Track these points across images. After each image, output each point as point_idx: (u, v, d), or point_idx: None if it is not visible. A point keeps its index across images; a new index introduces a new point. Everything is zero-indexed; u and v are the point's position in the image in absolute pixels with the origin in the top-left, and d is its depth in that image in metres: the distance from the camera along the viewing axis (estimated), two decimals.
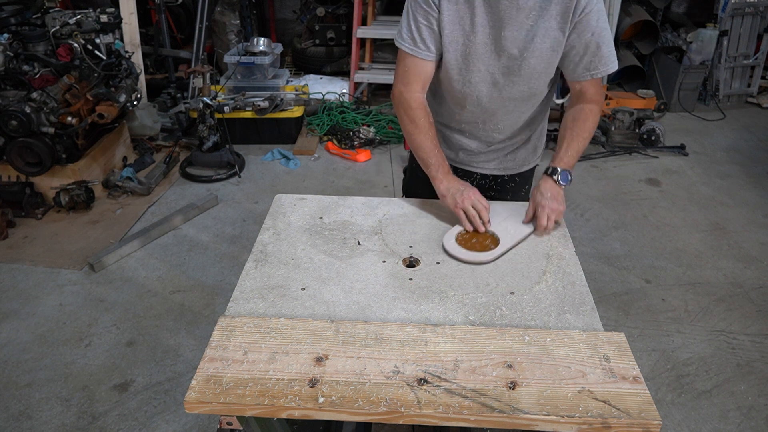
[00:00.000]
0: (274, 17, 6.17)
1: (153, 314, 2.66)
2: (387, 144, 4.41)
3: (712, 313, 2.71)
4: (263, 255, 1.44)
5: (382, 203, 1.67)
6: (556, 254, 1.45)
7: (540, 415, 1.00)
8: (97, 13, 3.49)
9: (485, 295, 1.30)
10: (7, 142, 3.23)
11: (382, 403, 1.01)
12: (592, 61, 1.49)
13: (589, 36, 1.45)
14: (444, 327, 1.18)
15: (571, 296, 1.30)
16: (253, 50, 4.56)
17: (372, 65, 5.08)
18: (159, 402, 2.22)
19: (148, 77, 4.67)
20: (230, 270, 2.97)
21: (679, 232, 3.36)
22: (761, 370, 2.39)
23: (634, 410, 1.01)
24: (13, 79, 3.23)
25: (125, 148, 3.99)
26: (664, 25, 5.57)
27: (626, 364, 1.10)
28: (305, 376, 1.07)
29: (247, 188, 3.79)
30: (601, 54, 1.48)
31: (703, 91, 5.27)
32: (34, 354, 2.43)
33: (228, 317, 1.22)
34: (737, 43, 5.16)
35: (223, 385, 1.05)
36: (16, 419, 2.13)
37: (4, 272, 2.94)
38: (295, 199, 1.70)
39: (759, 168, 4.15)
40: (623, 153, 4.32)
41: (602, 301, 2.78)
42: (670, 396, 2.27)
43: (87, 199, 3.42)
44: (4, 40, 3.17)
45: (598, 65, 1.50)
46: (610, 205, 3.62)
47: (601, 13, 1.45)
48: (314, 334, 1.16)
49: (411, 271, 1.39)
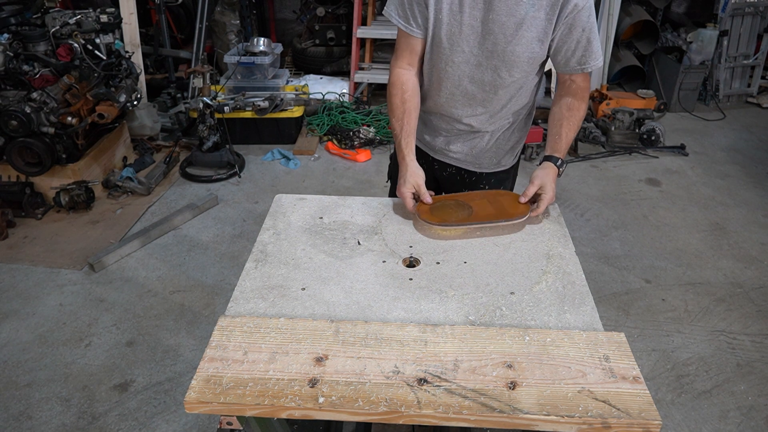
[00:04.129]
0: (274, 17, 6.17)
1: (153, 314, 2.66)
2: (387, 144, 4.41)
3: (712, 313, 2.71)
4: (263, 255, 1.44)
5: (382, 203, 1.67)
6: (556, 254, 1.45)
7: (540, 415, 1.00)
8: (97, 13, 3.49)
9: (485, 295, 1.30)
10: (7, 142, 3.23)
11: (382, 403, 1.01)
12: (583, 55, 1.52)
13: (580, 32, 1.48)
14: (444, 327, 1.18)
15: (571, 296, 1.30)
16: (253, 50, 4.56)
17: (372, 65, 5.07)
18: (159, 402, 2.22)
19: (148, 77, 4.67)
20: (230, 270, 2.97)
21: (679, 232, 3.36)
22: (761, 370, 2.39)
23: (634, 410, 1.01)
24: (13, 79, 3.23)
25: (125, 148, 3.99)
26: (664, 25, 5.57)
27: (626, 364, 1.10)
28: (305, 376, 1.07)
29: (247, 188, 3.79)
30: (591, 49, 1.52)
31: (703, 91, 5.28)
32: (34, 354, 2.43)
33: (228, 317, 1.22)
34: (737, 43, 5.16)
35: (223, 385, 1.05)
36: (16, 419, 2.13)
37: (4, 272, 2.93)
38: (295, 199, 1.70)
39: (759, 168, 4.15)
40: (623, 153, 4.32)
41: (602, 301, 2.78)
42: (670, 396, 2.27)
43: (87, 199, 3.42)
44: (4, 40, 3.17)
45: (588, 60, 1.53)
46: (610, 205, 3.62)
47: (591, 9, 1.48)
48: (314, 334, 1.16)
49: (411, 271, 1.39)
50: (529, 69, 1.57)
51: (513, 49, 1.50)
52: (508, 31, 1.48)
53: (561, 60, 1.55)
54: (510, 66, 1.55)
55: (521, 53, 1.51)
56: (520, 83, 1.62)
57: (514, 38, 1.49)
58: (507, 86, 1.61)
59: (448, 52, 1.57)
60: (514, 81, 1.59)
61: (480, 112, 1.68)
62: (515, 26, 1.48)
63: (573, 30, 1.48)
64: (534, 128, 4.14)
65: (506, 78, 1.58)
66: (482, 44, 1.53)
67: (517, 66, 1.55)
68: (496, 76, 1.58)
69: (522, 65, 1.55)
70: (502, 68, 1.55)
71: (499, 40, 1.50)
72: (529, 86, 1.66)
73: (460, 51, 1.56)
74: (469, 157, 1.82)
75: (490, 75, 1.58)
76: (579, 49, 1.51)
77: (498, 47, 1.51)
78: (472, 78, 1.61)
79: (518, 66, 1.55)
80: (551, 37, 1.50)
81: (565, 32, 1.49)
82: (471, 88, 1.63)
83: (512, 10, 1.46)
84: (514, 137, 1.80)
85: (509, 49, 1.51)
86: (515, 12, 1.46)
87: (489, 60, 1.55)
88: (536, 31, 1.48)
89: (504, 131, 1.77)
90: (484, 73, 1.58)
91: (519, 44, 1.50)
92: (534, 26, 1.48)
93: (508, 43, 1.50)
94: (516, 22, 1.47)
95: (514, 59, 1.53)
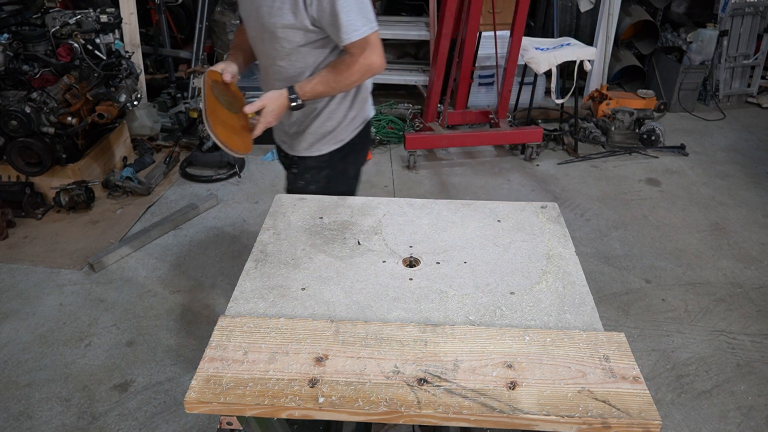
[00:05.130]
0: None
1: (153, 314, 2.66)
2: (387, 144, 4.41)
3: (712, 313, 2.71)
4: (263, 255, 1.44)
5: (382, 203, 1.67)
6: (556, 254, 1.45)
7: (540, 415, 1.00)
8: (97, 13, 3.49)
9: (485, 295, 1.30)
10: (7, 142, 3.23)
11: (382, 403, 1.01)
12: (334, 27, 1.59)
13: (327, 4, 1.55)
14: (444, 327, 1.18)
15: (571, 296, 1.30)
16: None
17: None
18: (159, 402, 2.22)
19: (148, 77, 4.67)
20: (230, 270, 2.97)
21: (679, 232, 3.36)
22: (761, 370, 2.39)
23: (634, 410, 1.01)
24: (13, 79, 3.23)
25: (125, 148, 3.99)
26: (664, 25, 5.57)
27: (626, 364, 1.10)
28: (305, 376, 1.07)
29: (247, 188, 3.79)
30: (339, 22, 1.56)
31: (703, 91, 5.27)
32: (34, 354, 2.43)
33: (228, 317, 1.22)
34: (737, 43, 5.16)
35: (223, 385, 1.05)
36: (16, 419, 2.13)
37: (4, 272, 2.94)
38: (295, 199, 1.70)
39: (759, 168, 4.15)
40: (623, 153, 4.32)
41: (602, 301, 2.78)
42: (670, 396, 2.27)
43: (87, 199, 3.42)
44: (4, 40, 3.17)
45: (341, 32, 1.58)
46: (610, 205, 3.62)
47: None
48: (314, 334, 1.16)
49: (411, 271, 1.39)
50: (294, 39, 1.65)
51: (272, 20, 1.61)
52: (267, 3, 1.60)
53: (329, 32, 1.63)
54: (274, 37, 1.65)
55: (277, 23, 1.61)
56: (295, 56, 1.69)
57: (272, 9, 1.60)
58: (283, 57, 1.70)
59: (247, 28, 1.76)
60: (288, 53, 1.68)
61: (279, 87, 1.72)
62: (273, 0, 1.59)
63: (323, 3, 1.56)
64: (534, 128, 4.14)
65: (279, 49, 1.68)
66: (257, 18, 1.65)
67: (280, 37, 1.64)
68: (272, 48, 1.70)
69: (286, 36, 1.64)
70: (273, 39, 1.66)
71: (263, 12, 1.62)
72: (308, 60, 1.70)
73: (249, 26, 1.73)
74: (285, 137, 1.92)
75: (270, 47, 1.70)
76: (332, 22, 1.58)
77: (263, 18, 1.63)
78: (262, 52, 1.76)
79: (282, 37, 1.64)
80: (305, 8, 1.57)
81: (318, 5, 1.57)
82: (264, 62, 1.79)
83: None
84: (329, 124, 1.83)
85: (271, 21, 1.62)
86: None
87: (263, 32, 1.68)
88: (288, 2, 1.58)
89: (311, 115, 1.81)
90: (266, 45, 1.71)
91: (275, 15, 1.60)
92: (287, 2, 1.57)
93: (270, 16, 1.61)
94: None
95: (274, 30, 1.63)
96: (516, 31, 3.92)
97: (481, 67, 4.72)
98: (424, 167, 4.10)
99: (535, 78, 4.36)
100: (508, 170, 4.06)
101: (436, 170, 4.06)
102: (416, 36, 4.82)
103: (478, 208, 1.66)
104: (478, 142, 4.21)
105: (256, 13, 1.66)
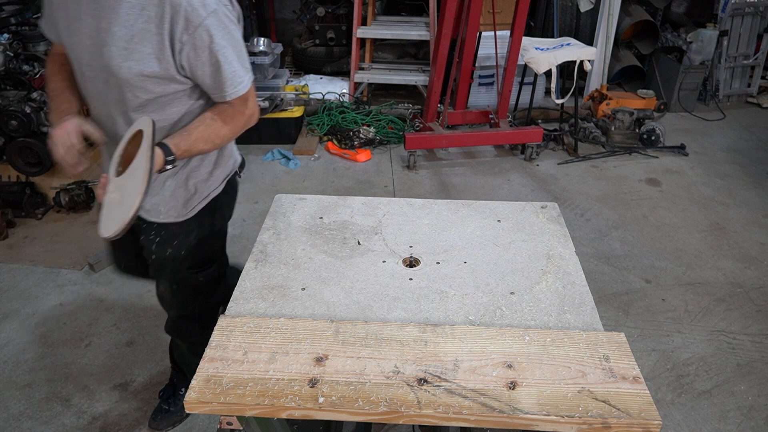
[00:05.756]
0: (274, 17, 6.17)
1: (153, 314, 2.66)
2: (387, 144, 4.41)
3: (712, 313, 2.71)
4: (263, 255, 1.44)
5: (382, 203, 1.67)
6: (556, 254, 1.45)
7: (540, 415, 1.00)
8: None
9: (485, 295, 1.30)
10: (7, 142, 3.23)
11: (382, 403, 1.01)
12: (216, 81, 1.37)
13: (207, 55, 1.32)
14: (444, 327, 1.18)
15: (571, 296, 1.30)
16: (253, 50, 4.55)
17: (372, 65, 5.07)
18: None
19: None
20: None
21: (679, 232, 3.36)
22: (761, 370, 2.39)
23: (634, 410, 1.01)
24: (13, 79, 3.23)
25: None
26: (664, 25, 5.57)
27: (626, 364, 1.10)
28: (305, 376, 1.07)
29: (247, 188, 3.79)
30: (222, 76, 1.35)
31: (703, 91, 5.27)
32: (34, 354, 2.43)
33: (228, 317, 1.22)
34: (737, 43, 5.16)
35: (223, 385, 1.05)
36: (16, 419, 2.13)
37: (4, 272, 2.94)
38: (296, 199, 1.70)
39: (759, 168, 4.15)
40: (623, 153, 4.32)
41: (602, 301, 2.78)
42: (670, 396, 2.27)
43: (87, 199, 3.42)
44: (4, 40, 3.17)
45: (225, 87, 1.38)
46: (610, 205, 3.62)
47: (217, 26, 1.31)
48: (314, 334, 1.16)
49: (411, 271, 1.39)
50: (155, 90, 1.37)
51: (126, 65, 1.32)
52: (116, 41, 1.30)
53: (202, 84, 1.39)
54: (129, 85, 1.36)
55: (133, 69, 1.32)
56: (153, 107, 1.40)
57: (126, 51, 1.30)
58: (136, 108, 1.40)
59: (77, 66, 1.41)
60: (143, 104, 1.39)
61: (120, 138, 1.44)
62: (127, 39, 1.30)
63: (199, 52, 1.31)
64: (534, 128, 4.14)
65: (132, 99, 1.38)
66: (99, 58, 1.34)
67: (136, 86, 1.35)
68: (119, 96, 1.39)
69: (145, 85, 1.35)
70: (126, 87, 1.36)
71: (111, 53, 1.31)
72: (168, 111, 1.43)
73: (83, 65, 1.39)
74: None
75: (117, 94, 1.39)
76: (212, 74, 1.35)
77: (110, 60, 1.32)
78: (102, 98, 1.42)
79: (139, 86, 1.35)
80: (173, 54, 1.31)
81: (191, 53, 1.31)
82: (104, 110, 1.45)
83: (123, 21, 1.29)
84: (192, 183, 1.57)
85: (125, 65, 1.32)
86: (125, 23, 1.29)
87: (107, 76, 1.36)
88: (151, 47, 1.30)
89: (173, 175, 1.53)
90: (110, 91, 1.39)
91: (132, 59, 1.31)
92: (147, 40, 1.29)
93: (124, 59, 1.31)
94: (127, 34, 1.29)
95: (129, 78, 1.33)
96: (516, 31, 3.92)
97: (481, 67, 4.72)
98: (424, 167, 4.10)
99: (535, 78, 4.36)
100: (508, 170, 4.06)
101: (436, 170, 4.06)
102: (416, 36, 4.82)
103: (478, 208, 1.66)
104: (478, 142, 4.22)
105: (96, 50, 1.33)
